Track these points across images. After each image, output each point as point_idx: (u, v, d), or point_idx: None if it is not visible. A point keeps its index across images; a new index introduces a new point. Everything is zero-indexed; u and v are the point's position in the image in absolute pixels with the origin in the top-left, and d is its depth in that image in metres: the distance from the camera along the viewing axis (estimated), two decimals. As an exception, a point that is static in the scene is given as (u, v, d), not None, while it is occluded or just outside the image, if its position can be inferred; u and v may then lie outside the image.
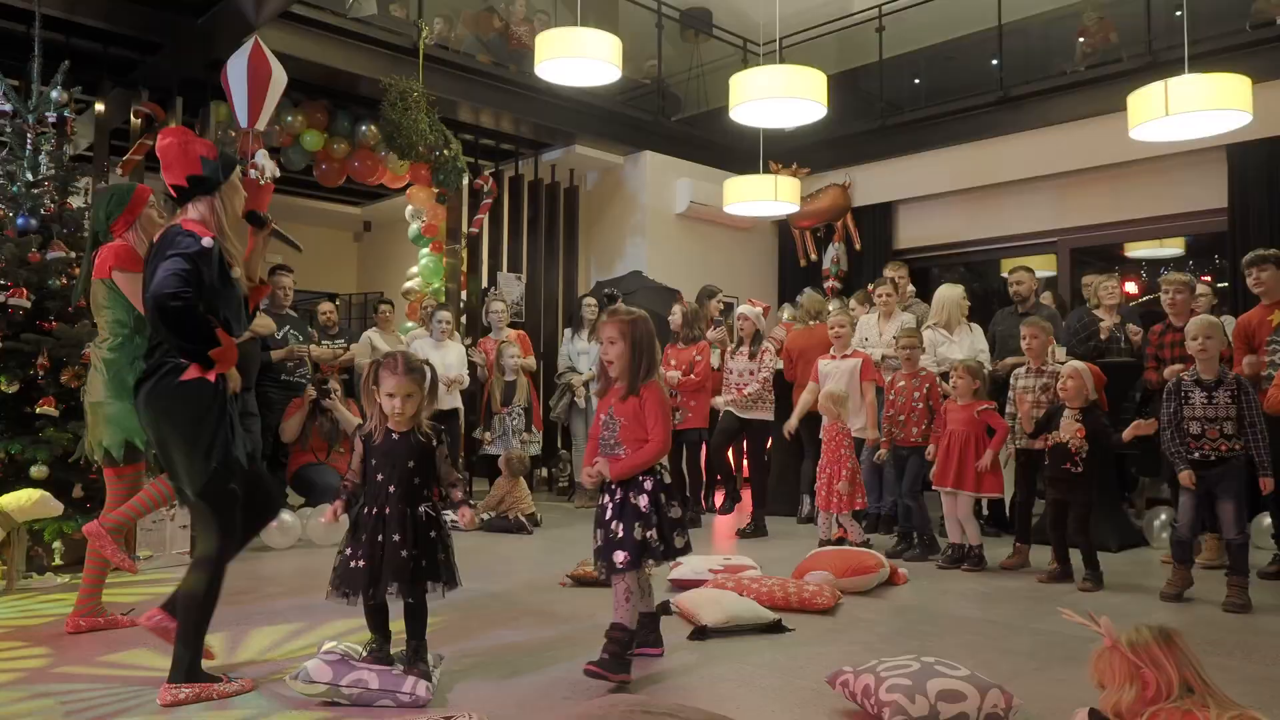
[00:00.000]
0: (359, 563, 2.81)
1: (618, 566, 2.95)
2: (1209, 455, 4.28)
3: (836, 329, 5.98)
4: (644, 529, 2.97)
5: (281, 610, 4.02)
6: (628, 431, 3.05)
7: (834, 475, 5.23)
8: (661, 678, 3.06)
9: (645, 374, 3.07)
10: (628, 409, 3.06)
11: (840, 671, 2.80)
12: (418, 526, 2.85)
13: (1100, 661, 2.18)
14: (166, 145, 2.87)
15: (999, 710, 2.54)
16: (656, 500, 3.01)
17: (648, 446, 3.03)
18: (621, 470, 3.01)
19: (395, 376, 2.86)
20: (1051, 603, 4.28)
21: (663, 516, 3.01)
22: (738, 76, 6.06)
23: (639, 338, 3.07)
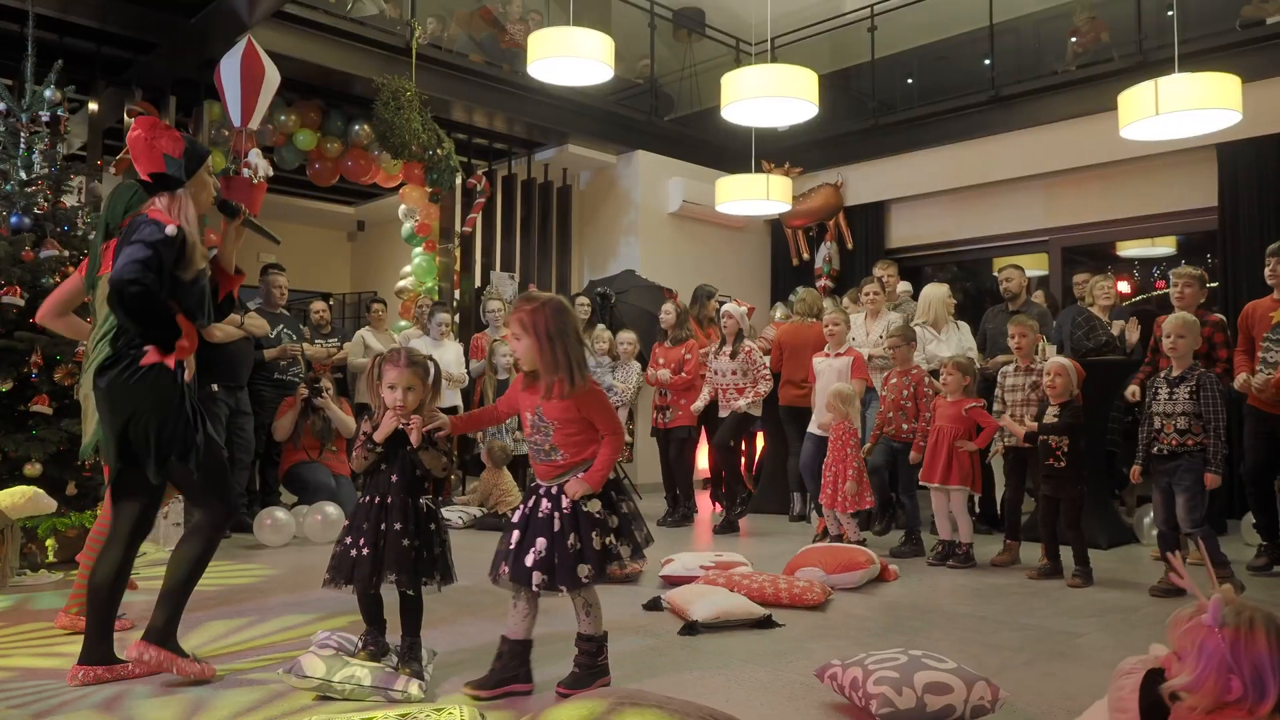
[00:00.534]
0: (362, 551, 2.82)
1: (583, 581, 2.73)
2: (1163, 449, 4.34)
3: (831, 326, 6.01)
4: (602, 536, 2.75)
5: (274, 606, 4.04)
6: (563, 434, 2.80)
7: (840, 474, 5.25)
8: (651, 672, 3.08)
9: (567, 366, 2.76)
10: (556, 410, 2.79)
11: (829, 665, 2.82)
12: (419, 517, 2.87)
13: (1183, 629, 1.83)
14: (135, 138, 2.90)
15: (985, 702, 2.57)
16: (608, 500, 2.81)
17: (606, 446, 2.80)
18: (595, 482, 2.76)
19: (396, 369, 2.88)
20: (1041, 599, 4.32)
21: (620, 517, 2.83)
22: (730, 75, 6.08)
23: (546, 327, 2.75)
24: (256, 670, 3.05)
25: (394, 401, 2.89)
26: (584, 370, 2.80)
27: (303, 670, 2.72)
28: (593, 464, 2.79)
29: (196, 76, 6.77)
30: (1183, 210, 7.94)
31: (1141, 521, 5.92)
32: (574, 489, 2.76)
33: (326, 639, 2.95)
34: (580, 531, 2.74)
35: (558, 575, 2.72)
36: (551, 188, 9.60)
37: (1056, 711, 2.71)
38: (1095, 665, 3.24)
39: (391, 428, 2.88)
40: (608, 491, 2.82)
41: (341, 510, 5.70)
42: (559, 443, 2.80)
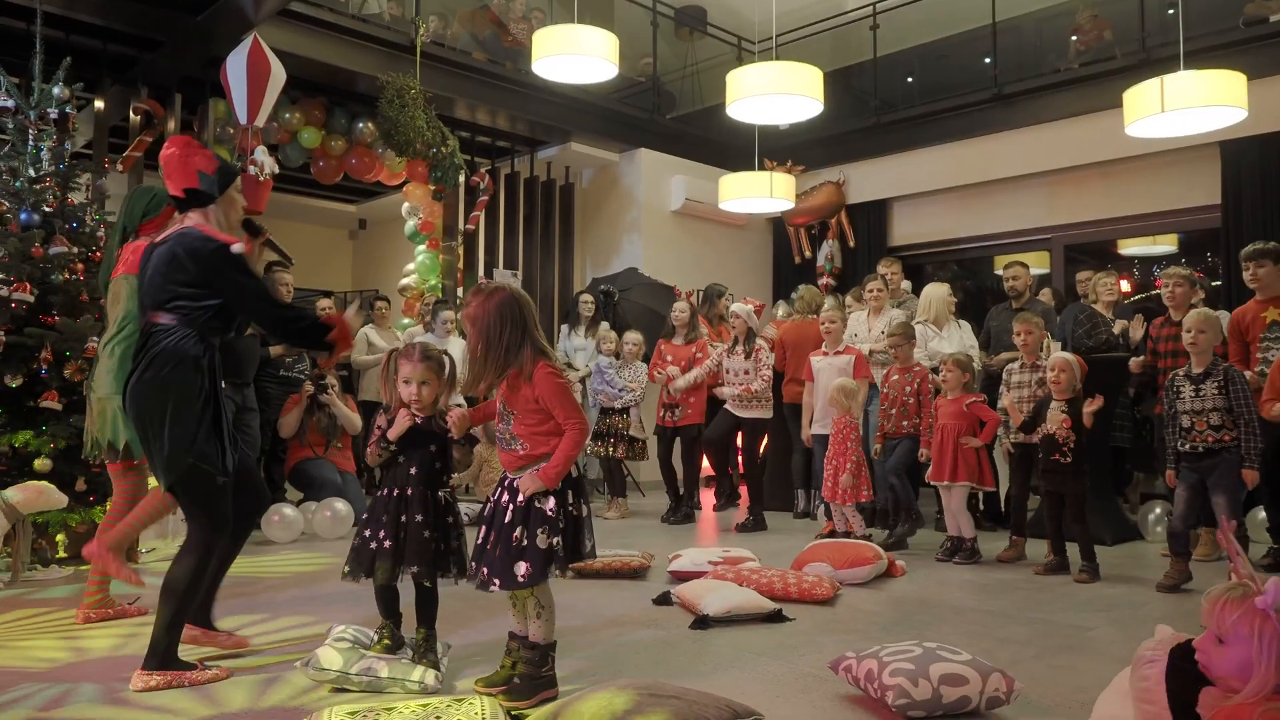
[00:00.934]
0: (383, 543, 2.83)
1: (519, 580, 2.58)
2: (1198, 447, 4.34)
3: (828, 324, 6.02)
4: (549, 536, 2.61)
5: (284, 602, 4.05)
6: (521, 424, 2.70)
7: (840, 467, 5.27)
8: (664, 665, 3.10)
9: (516, 350, 2.64)
10: (517, 398, 2.69)
11: (843, 657, 2.84)
12: (438, 510, 2.89)
13: (1233, 613, 1.77)
14: (169, 156, 2.96)
15: (1000, 694, 2.59)
16: (564, 500, 2.66)
17: (565, 440, 2.64)
18: (549, 478, 2.61)
19: (410, 363, 2.90)
20: (1048, 594, 4.34)
21: (569, 519, 2.67)
22: (734, 73, 6.09)
23: (490, 317, 2.65)
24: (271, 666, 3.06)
25: (409, 396, 2.90)
26: (536, 358, 2.66)
27: (319, 663, 2.74)
28: (551, 457, 2.65)
29: (202, 74, 6.78)
30: (1186, 208, 7.96)
31: (1146, 518, 5.94)
32: (526, 485, 2.64)
33: (342, 632, 2.96)
34: (529, 527, 2.62)
35: (494, 570, 2.63)
36: (554, 186, 9.61)
37: (1069, 704, 2.73)
38: (1105, 659, 3.26)
39: (405, 427, 2.88)
40: (565, 490, 2.67)
41: (350, 506, 5.71)
42: (519, 433, 2.71)
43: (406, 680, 2.73)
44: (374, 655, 2.81)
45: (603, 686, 2.52)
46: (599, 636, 3.49)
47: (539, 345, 2.70)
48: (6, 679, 2.90)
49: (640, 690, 2.45)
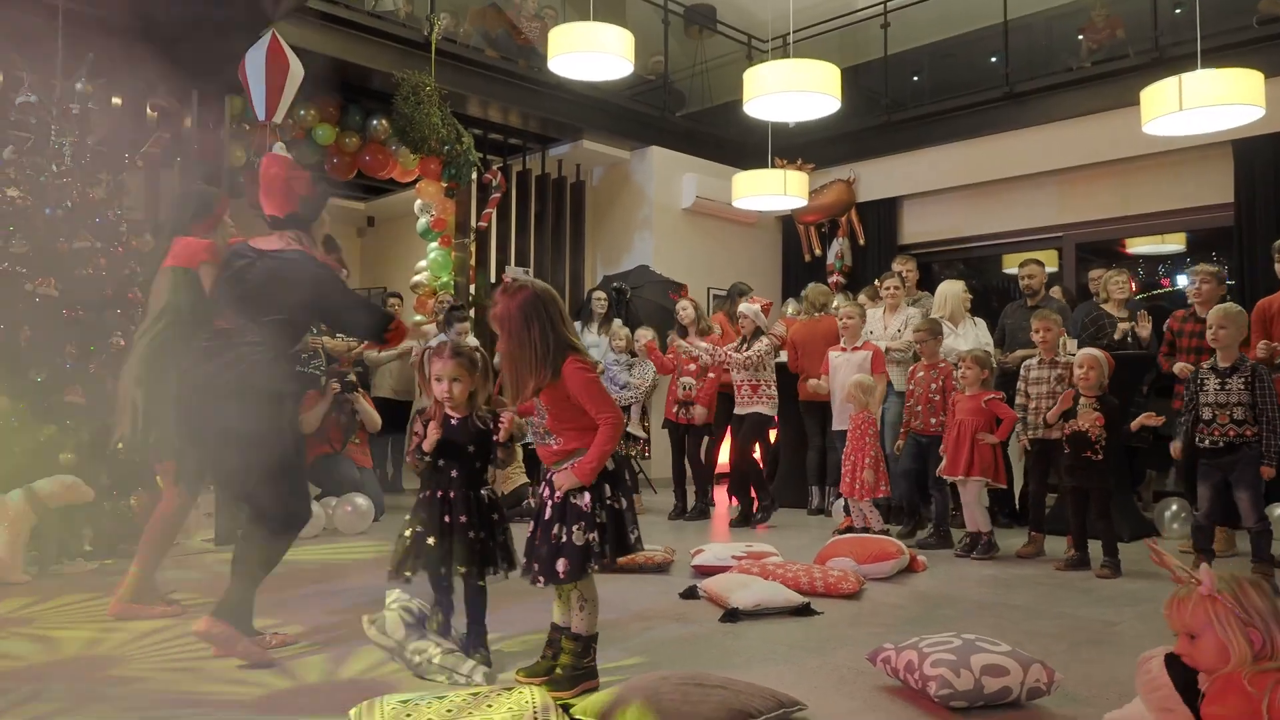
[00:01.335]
0: (427, 542, 2.85)
1: (560, 577, 2.62)
2: (1218, 442, 4.37)
3: (846, 320, 6.04)
4: (585, 532, 2.62)
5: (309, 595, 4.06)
6: (556, 420, 2.72)
7: (858, 463, 5.30)
8: (698, 659, 3.12)
9: (548, 348, 2.63)
10: (549, 395, 2.69)
11: (881, 649, 2.86)
12: (482, 508, 2.90)
13: (1190, 609, 2.05)
14: (270, 176, 3.11)
15: (1041, 685, 2.61)
16: (600, 495, 2.66)
17: (599, 435, 2.63)
18: (584, 474, 2.62)
19: (441, 360, 2.92)
20: (1070, 589, 4.36)
21: (609, 512, 2.67)
22: (751, 71, 6.10)
23: (518, 317, 2.64)
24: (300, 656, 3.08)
25: (441, 394, 2.91)
26: (564, 354, 2.64)
27: (385, 625, 2.79)
28: (586, 453, 2.65)
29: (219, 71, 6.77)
30: (1198, 207, 7.98)
31: (1163, 515, 5.97)
32: (562, 481, 2.65)
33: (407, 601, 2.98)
34: (566, 524, 2.64)
35: (541, 565, 2.66)
36: (565, 183, 9.62)
37: (1106, 695, 2.75)
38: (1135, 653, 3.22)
39: (436, 439, 2.90)
40: (602, 484, 2.67)
41: (370, 502, 5.74)
42: (553, 427, 2.73)
43: (455, 671, 2.75)
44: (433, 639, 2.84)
45: (646, 677, 2.55)
46: (630, 629, 3.51)
47: (567, 340, 2.68)
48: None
49: (686, 681, 2.48)
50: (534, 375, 2.64)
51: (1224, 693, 1.98)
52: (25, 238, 4.87)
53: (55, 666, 2.98)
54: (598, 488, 2.66)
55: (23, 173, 5.04)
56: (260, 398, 2.95)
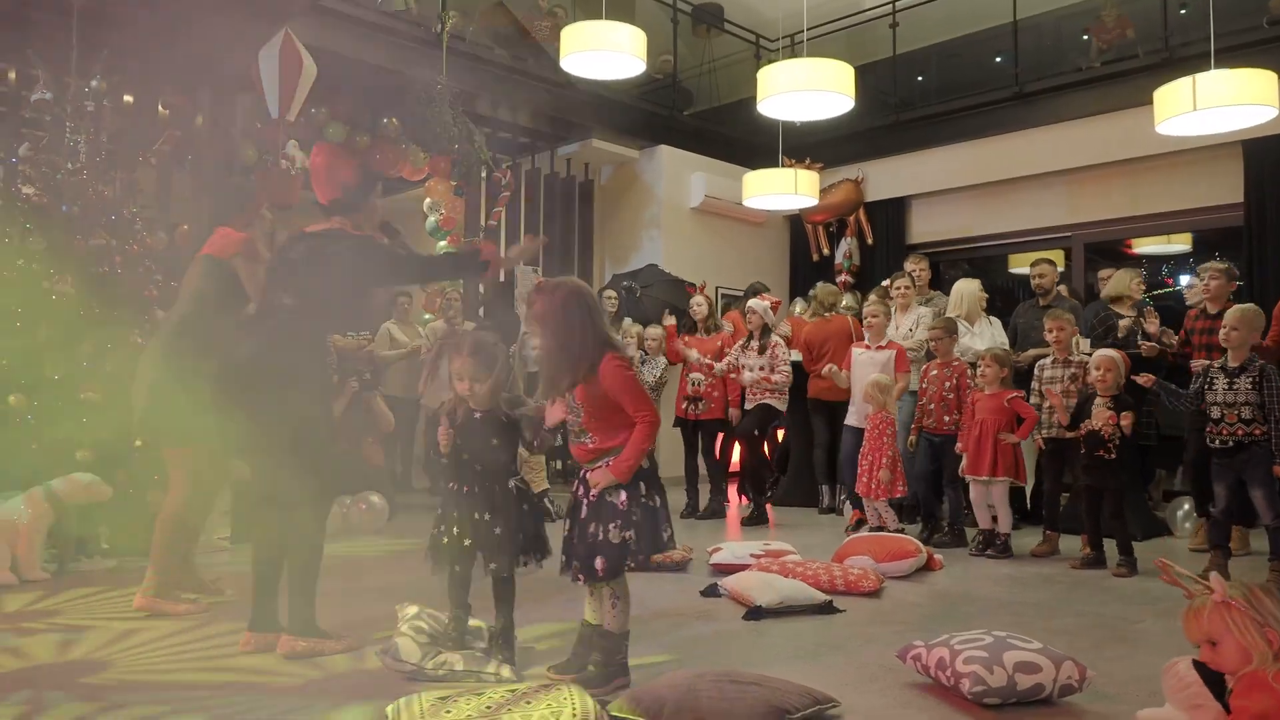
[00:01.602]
0: (460, 540, 2.85)
1: (598, 575, 2.63)
2: (1228, 441, 4.39)
3: (870, 319, 6.04)
4: (621, 529, 2.62)
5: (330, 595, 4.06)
6: (591, 418, 2.70)
7: (875, 463, 5.30)
8: (725, 656, 3.12)
9: (588, 345, 2.64)
10: (585, 391, 2.68)
11: (911, 646, 2.86)
12: (508, 502, 2.90)
13: (1206, 618, 2.14)
14: (316, 165, 3.17)
15: (1073, 682, 2.62)
16: (635, 493, 2.66)
17: (636, 433, 2.63)
18: (621, 472, 2.61)
19: (459, 358, 2.90)
20: (1088, 587, 4.37)
21: (644, 510, 2.67)
22: (765, 70, 6.11)
23: (559, 314, 2.66)
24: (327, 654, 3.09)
25: (463, 392, 2.90)
26: (603, 350, 2.64)
27: (398, 653, 2.77)
28: (623, 451, 2.64)
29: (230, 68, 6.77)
30: (1207, 207, 7.99)
31: (1175, 514, 5.98)
32: (598, 479, 2.64)
33: (415, 618, 2.98)
34: (602, 522, 2.63)
35: (579, 564, 2.66)
36: (574, 182, 9.63)
37: (1137, 693, 2.76)
38: (1160, 650, 3.28)
39: (445, 442, 2.92)
40: (637, 482, 2.67)
41: (385, 500, 5.74)
42: (588, 425, 2.70)
43: (482, 673, 2.75)
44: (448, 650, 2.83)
45: (681, 674, 2.56)
46: (654, 627, 3.51)
47: (606, 337, 2.69)
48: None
49: (721, 678, 2.48)
50: (572, 372, 2.64)
51: (1250, 689, 2.06)
52: (42, 235, 4.87)
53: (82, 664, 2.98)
54: (633, 486, 2.65)
55: (38, 170, 5.05)
56: (298, 373, 3.00)
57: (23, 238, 4.89)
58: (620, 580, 2.72)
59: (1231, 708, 2.10)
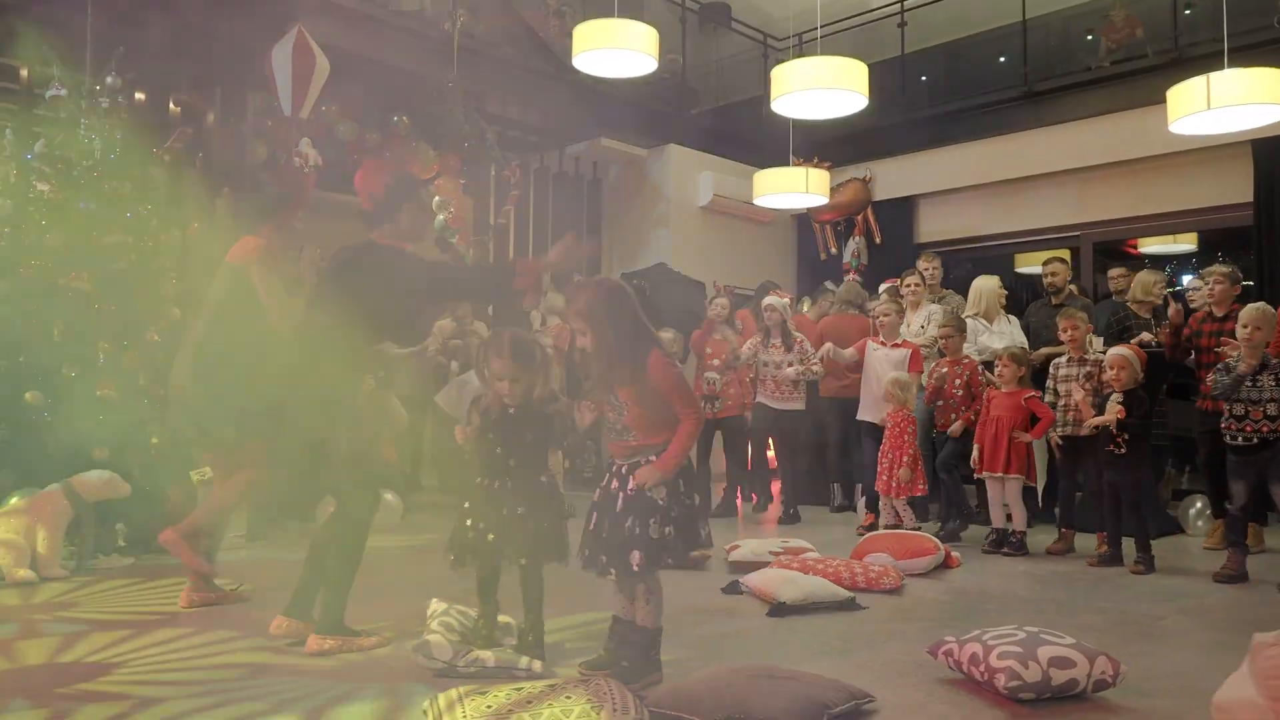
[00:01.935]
0: (485, 535, 2.84)
1: (634, 569, 2.61)
2: (1251, 438, 4.40)
3: (882, 317, 6.05)
4: (660, 525, 2.61)
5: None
6: (634, 415, 2.68)
7: (895, 461, 5.32)
8: (752, 653, 3.12)
9: (634, 341, 2.64)
10: (631, 389, 2.67)
11: (942, 641, 2.87)
12: (541, 496, 2.90)
13: None
14: (360, 175, 3.28)
15: (1107, 677, 2.62)
16: (675, 489, 2.65)
17: (681, 430, 2.63)
18: (665, 470, 2.60)
19: (499, 360, 2.88)
20: (1108, 584, 4.38)
21: (683, 508, 2.67)
22: (780, 68, 6.10)
23: (605, 310, 2.66)
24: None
25: (502, 392, 2.89)
26: (649, 345, 2.66)
27: (430, 651, 2.77)
28: (667, 449, 2.63)
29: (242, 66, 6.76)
30: (1214, 206, 8.00)
31: (1187, 513, 5.99)
32: (645, 477, 2.61)
33: (445, 614, 2.98)
34: (639, 517, 2.62)
35: (610, 557, 2.64)
36: (583, 181, 9.63)
37: (1169, 688, 2.76)
38: (1185, 646, 3.31)
39: (466, 437, 2.99)
40: (677, 479, 2.66)
41: (398, 498, 5.73)
42: (630, 423, 2.68)
43: (513, 669, 2.75)
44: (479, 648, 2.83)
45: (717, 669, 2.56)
46: (680, 624, 3.49)
47: (652, 333, 2.70)
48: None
49: (758, 673, 2.48)
50: (622, 368, 2.64)
51: None
52: (59, 232, 4.86)
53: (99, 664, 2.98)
54: (673, 482, 2.65)
55: (54, 167, 5.04)
56: (341, 388, 3.06)
57: (39, 235, 4.88)
58: (654, 576, 2.71)
59: None
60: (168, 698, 2.58)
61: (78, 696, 2.58)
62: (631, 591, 2.75)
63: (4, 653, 3.02)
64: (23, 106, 6.06)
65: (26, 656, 2.99)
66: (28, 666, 2.89)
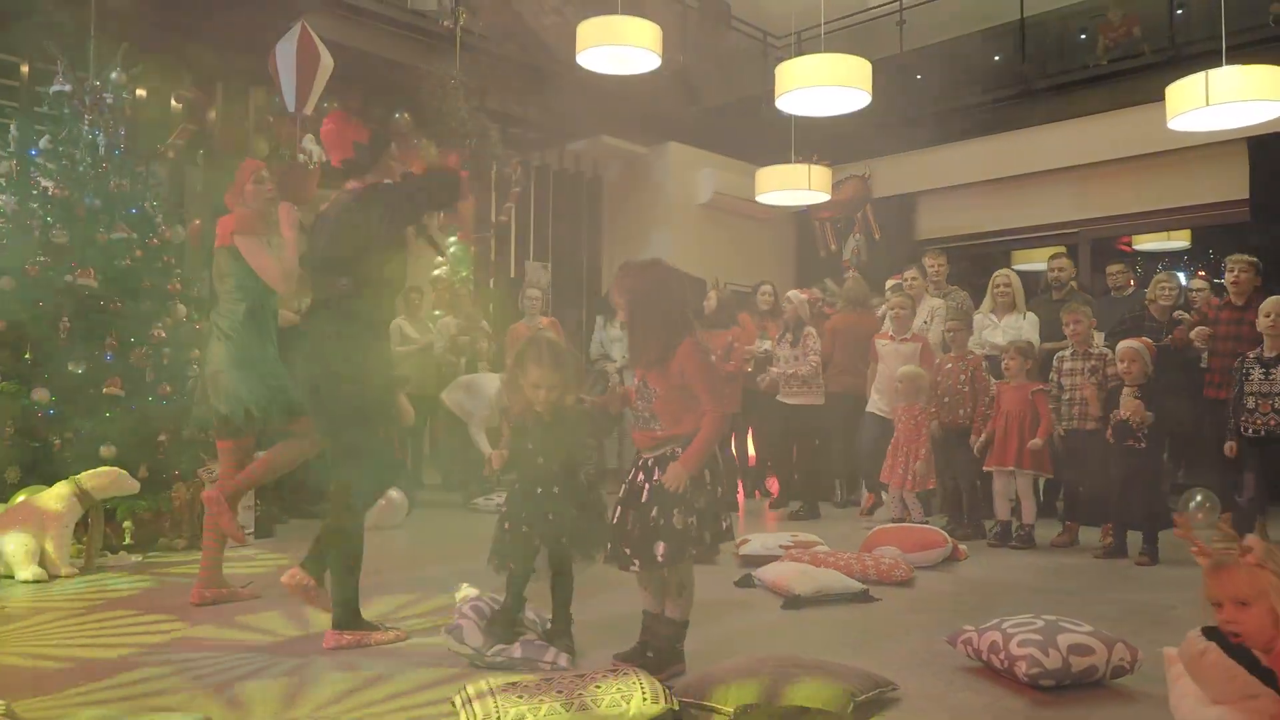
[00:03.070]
0: (528, 537, 2.84)
1: (658, 560, 2.60)
2: (1260, 430, 4.44)
3: (896, 310, 6.07)
4: (684, 515, 2.59)
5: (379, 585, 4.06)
6: (664, 404, 2.67)
7: (912, 455, 5.34)
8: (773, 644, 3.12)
9: (671, 330, 2.65)
10: (661, 377, 2.67)
11: (961, 631, 2.89)
12: (582, 494, 2.90)
13: (1237, 577, 2.05)
14: (327, 130, 3.16)
15: (1125, 664, 2.65)
16: (700, 480, 2.64)
17: (706, 424, 2.61)
18: (691, 465, 2.59)
19: (539, 368, 2.84)
20: (1116, 575, 4.42)
21: (709, 498, 2.66)
22: (784, 65, 6.11)
23: (646, 292, 2.69)
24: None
25: (540, 401, 2.84)
26: (684, 331, 2.65)
27: (462, 636, 2.77)
28: (692, 443, 2.62)
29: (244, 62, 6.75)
30: (1209, 203, 8.08)
31: (1187, 506, 6.02)
32: (670, 480, 2.59)
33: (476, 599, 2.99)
34: (663, 506, 2.61)
35: (634, 549, 2.64)
36: (583, 178, 9.64)
37: (1185, 674, 2.78)
38: (1197, 635, 3.32)
39: (500, 462, 3.02)
40: (702, 470, 2.64)
41: (404, 495, 5.73)
42: (658, 410, 2.67)
43: (539, 661, 2.75)
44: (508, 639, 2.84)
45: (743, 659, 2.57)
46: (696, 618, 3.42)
47: (690, 322, 2.70)
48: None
49: (784, 662, 2.50)
50: (651, 347, 2.66)
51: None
52: (64, 228, 4.85)
53: (133, 653, 2.98)
54: (699, 474, 2.64)
55: (58, 164, 5.02)
56: (356, 349, 3.03)
57: (45, 231, 4.87)
58: (686, 568, 2.71)
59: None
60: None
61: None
62: (655, 584, 2.75)
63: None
64: (26, 103, 6.05)
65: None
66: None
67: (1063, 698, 2.60)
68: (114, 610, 3.56)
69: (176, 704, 2.47)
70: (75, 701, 2.47)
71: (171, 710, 2.39)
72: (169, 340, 5.04)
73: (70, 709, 2.39)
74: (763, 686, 2.33)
